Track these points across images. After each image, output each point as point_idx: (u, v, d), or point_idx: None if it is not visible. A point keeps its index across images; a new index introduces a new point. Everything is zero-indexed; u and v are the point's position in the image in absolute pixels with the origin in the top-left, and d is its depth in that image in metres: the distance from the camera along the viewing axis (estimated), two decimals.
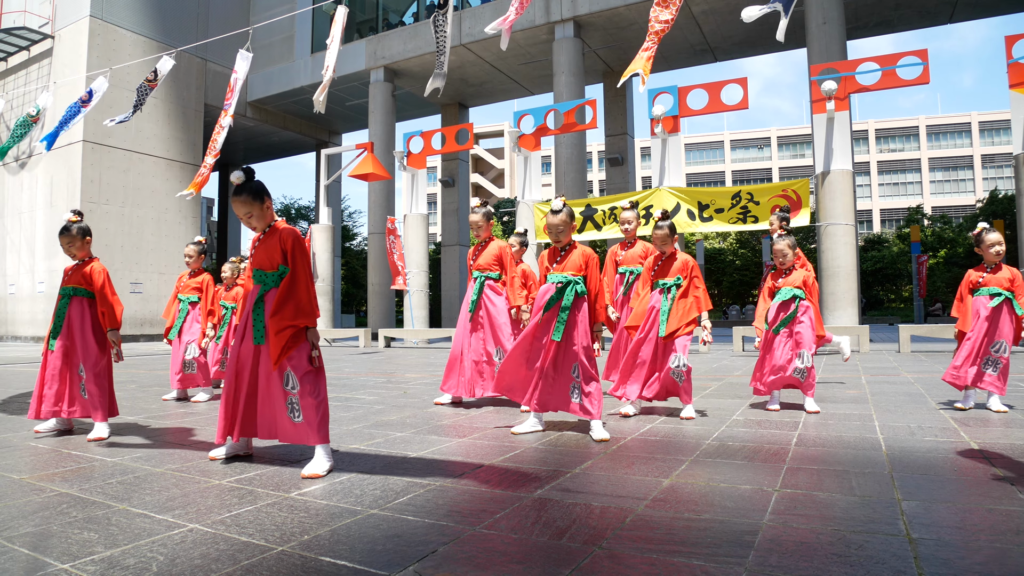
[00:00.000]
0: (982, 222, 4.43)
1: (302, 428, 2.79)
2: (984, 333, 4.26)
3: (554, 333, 3.51)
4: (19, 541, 1.88)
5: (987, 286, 4.29)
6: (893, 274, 41.26)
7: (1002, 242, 4.26)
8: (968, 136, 58.60)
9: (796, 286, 4.39)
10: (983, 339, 4.26)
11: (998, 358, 4.22)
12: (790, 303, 4.36)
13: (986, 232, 4.29)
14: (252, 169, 2.91)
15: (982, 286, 4.32)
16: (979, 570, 1.60)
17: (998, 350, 4.23)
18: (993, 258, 4.28)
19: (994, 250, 4.26)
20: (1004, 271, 4.28)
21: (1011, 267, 4.35)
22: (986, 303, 4.26)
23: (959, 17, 16.61)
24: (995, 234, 4.28)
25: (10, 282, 19.09)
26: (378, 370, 8.32)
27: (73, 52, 17.97)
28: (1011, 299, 4.23)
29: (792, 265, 4.48)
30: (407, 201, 15.54)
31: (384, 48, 19.22)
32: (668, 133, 11.30)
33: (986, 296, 4.28)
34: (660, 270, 4.30)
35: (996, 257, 4.27)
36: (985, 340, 4.26)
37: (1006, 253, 4.39)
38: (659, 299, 4.22)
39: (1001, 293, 4.23)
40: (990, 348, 4.25)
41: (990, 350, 4.25)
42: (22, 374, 7.95)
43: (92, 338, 3.67)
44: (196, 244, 5.41)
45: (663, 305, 4.17)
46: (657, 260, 4.34)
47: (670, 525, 1.97)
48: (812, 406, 4.24)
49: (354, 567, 1.66)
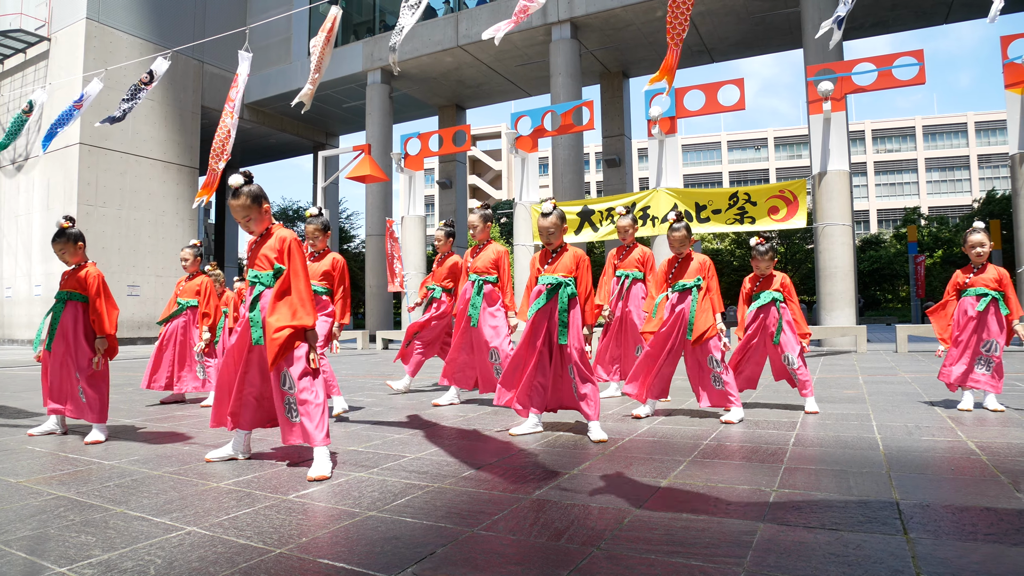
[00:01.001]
0: (977, 222, 4.44)
1: (301, 429, 2.79)
2: (973, 331, 4.28)
3: (559, 337, 3.52)
4: (16, 544, 1.87)
5: (973, 287, 4.32)
6: (890, 274, 41.33)
7: (984, 243, 4.25)
8: (964, 136, 58.74)
9: (775, 289, 4.35)
10: (971, 338, 4.28)
11: (990, 357, 4.24)
12: (769, 307, 4.34)
13: (970, 232, 4.31)
14: (251, 173, 2.92)
15: (969, 287, 4.34)
16: (976, 569, 1.60)
17: (989, 349, 4.25)
18: (975, 259, 4.31)
19: (975, 251, 4.27)
20: (991, 271, 4.30)
21: (998, 267, 4.37)
22: (973, 304, 4.28)
23: (955, 17, 16.66)
24: (978, 235, 4.28)
25: (6, 285, 19.04)
26: (376, 372, 8.31)
27: (69, 54, 17.94)
28: (998, 299, 4.25)
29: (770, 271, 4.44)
30: (404, 203, 15.53)
31: (381, 50, 19.22)
32: (665, 134, 11.31)
33: (973, 297, 4.30)
34: (678, 272, 4.21)
35: (978, 258, 4.29)
36: (974, 339, 4.28)
37: (1005, 253, 4.41)
38: (683, 302, 4.12)
39: (988, 293, 4.25)
40: (980, 348, 4.27)
41: (981, 349, 4.27)
42: (19, 377, 7.92)
43: (85, 342, 3.67)
44: (192, 248, 5.42)
45: (691, 308, 4.07)
46: (673, 262, 4.25)
47: (668, 526, 1.97)
48: (812, 406, 4.23)
49: (352, 569, 1.66)
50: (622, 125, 20.24)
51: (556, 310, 3.53)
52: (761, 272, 4.39)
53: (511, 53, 18.20)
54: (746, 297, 4.49)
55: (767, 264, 4.35)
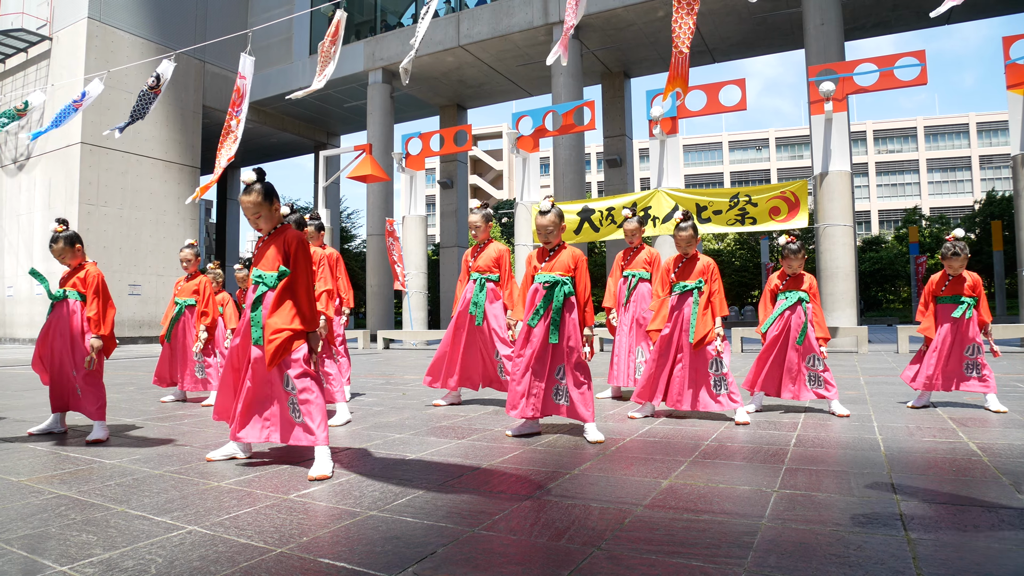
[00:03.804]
0: (958, 228, 4.45)
1: (303, 429, 2.80)
2: (952, 337, 4.32)
3: (551, 336, 3.49)
4: (17, 543, 1.88)
5: (948, 294, 4.37)
6: (891, 275, 41.32)
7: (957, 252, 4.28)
8: (966, 137, 58.70)
9: (803, 290, 4.32)
10: (951, 346, 4.31)
11: (975, 360, 4.26)
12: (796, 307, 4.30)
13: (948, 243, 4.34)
14: (263, 170, 2.91)
15: (945, 294, 4.39)
16: (977, 570, 1.60)
17: (971, 352, 4.27)
18: (948, 269, 4.36)
19: (946, 262, 4.34)
20: (966, 278, 4.34)
21: (971, 272, 4.41)
22: (950, 311, 4.34)
23: (957, 18, 16.63)
24: (946, 245, 4.34)
25: (8, 284, 19.06)
26: (377, 372, 8.31)
27: (71, 54, 17.96)
28: (973, 304, 4.31)
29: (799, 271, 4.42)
30: (405, 202, 15.54)
31: (382, 49, 19.22)
32: (666, 134, 11.31)
33: (950, 304, 4.36)
34: (682, 272, 4.17)
35: (950, 270, 4.34)
36: (954, 345, 4.31)
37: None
38: (685, 303, 4.10)
39: (963, 300, 4.30)
40: (964, 353, 4.28)
41: (964, 355, 4.28)
42: (20, 376, 7.93)
43: (82, 341, 3.67)
44: (190, 247, 5.43)
45: (692, 310, 4.05)
46: (678, 262, 4.21)
47: (669, 526, 1.97)
48: (840, 408, 4.14)
49: (353, 569, 1.66)
50: (623, 125, 20.23)
51: (551, 309, 3.52)
52: (792, 271, 4.34)
53: (512, 53, 18.20)
54: (772, 295, 4.44)
55: (799, 263, 4.31)
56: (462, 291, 4.89)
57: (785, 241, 4.31)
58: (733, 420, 3.95)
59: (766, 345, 4.36)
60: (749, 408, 4.28)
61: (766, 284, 4.52)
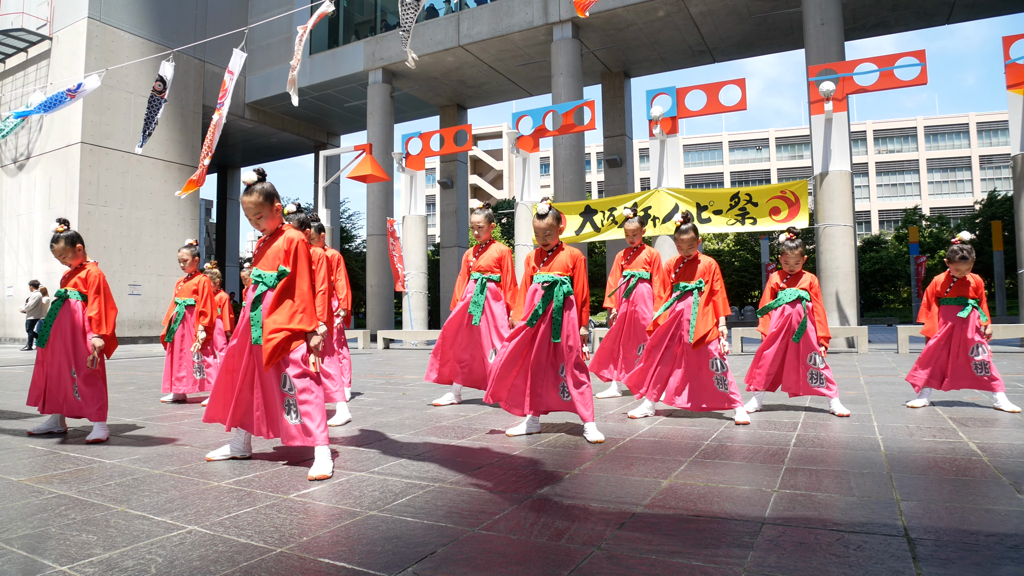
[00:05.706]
0: (964, 231, 4.44)
1: (301, 430, 2.79)
2: (950, 338, 4.32)
3: (553, 335, 3.51)
4: (17, 543, 1.88)
5: (953, 296, 4.38)
6: (891, 275, 41.32)
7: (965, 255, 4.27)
8: (966, 137, 58.69)
9: (803, 288, 4.31)
10: (958, 345, 4.31)
11: (983, 360, 4.26)
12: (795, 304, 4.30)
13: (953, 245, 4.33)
14: (264, 170, 2.91)
15: (950, 296, 4.39)
16: (977, 571, 1.60)
17: (976, 353, 4.26)
18: (953, 271, 4.36)
19: (953, 265, 4.33)
20: (970, 280, 4.35)
21: (974, 275, 4.41)
22: (952, 312, 4.35)
23: (957, 18, 16.64)
24: (954, 248, 4.32)
25: (8, 284, 19.06)
26: (377, 372, 8.31)
27: (71, 54, 17.95)
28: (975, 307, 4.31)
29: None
30: (406, 203, 15.54)
31: (383, 49, 19.22)
32: (666, 134, 11.30)
33: (953, 306, 4.36)
34: (683, 272, 4.17)
35: (956, 272, 4.34)
36: (955, 346, 4.31)
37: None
38: (685, 303, 4.10)
39: (967, 302, 4.30)
40: (970, 354, 4.28)
41: (971, 355, 4.27)
42: (19, 376, 7.93)
43: (83, 341, 3.67)
44: (189, 247, 5.43)
45: (692, 310, 4.04)
46: (679, 263, 4.21)
47: (669, 526, 1.97)
48: (840, 408, 4.12)
49: (353, 568, 1.66)
50: (623, 125, 20.24)
51: (551, 308, 3.53)
52: (790, 268, 4.29)
53: (512, 53, 18.19)
54: (773, 294, 4.42)
55: (795, 259, 4.25)
56: (462, 290, 4.89)
57: (783, 237, 4.30)
58: (733, 420, 3.95)
59: (765, 341, 4.37)
60: (749, 407, 4.28)
61: (767, 284, 4.51)
